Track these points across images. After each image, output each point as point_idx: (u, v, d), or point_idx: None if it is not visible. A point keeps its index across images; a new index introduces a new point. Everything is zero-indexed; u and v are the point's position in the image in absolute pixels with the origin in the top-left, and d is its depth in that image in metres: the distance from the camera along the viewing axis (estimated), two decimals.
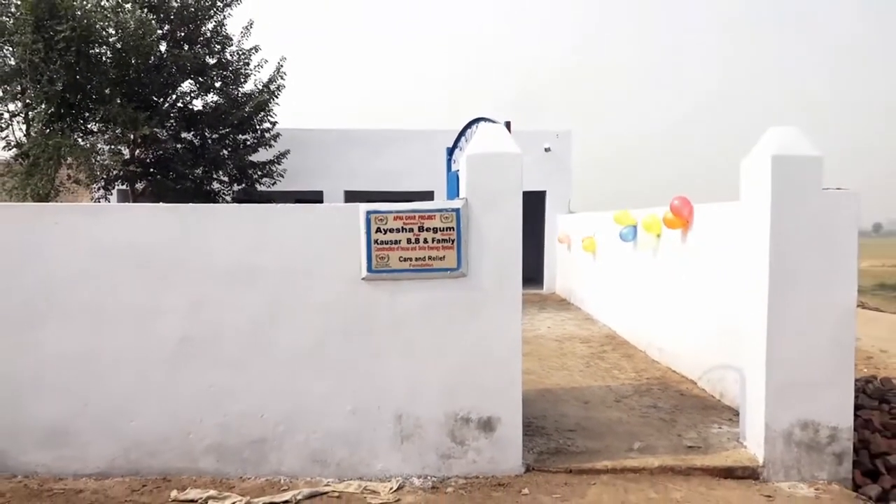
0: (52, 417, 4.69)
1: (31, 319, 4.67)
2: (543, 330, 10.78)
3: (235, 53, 14.27)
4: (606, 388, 7.02)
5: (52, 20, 10.69)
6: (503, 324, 4.69)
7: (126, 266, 4.68)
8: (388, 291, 4.69)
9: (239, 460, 4.70)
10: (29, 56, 10.65)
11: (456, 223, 4.62)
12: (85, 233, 4.68)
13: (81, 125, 12.17)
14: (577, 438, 5.37)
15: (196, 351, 4.71)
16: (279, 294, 4.72)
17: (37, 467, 4.70)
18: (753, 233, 4.90)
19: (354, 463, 4.70)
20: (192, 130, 13.78)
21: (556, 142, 16.53)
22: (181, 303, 4.70)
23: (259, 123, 14.57)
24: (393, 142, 16.35)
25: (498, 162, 4.65)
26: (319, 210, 4.97)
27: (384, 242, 4.62)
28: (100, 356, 4.69)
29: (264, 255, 4.70)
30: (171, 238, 4.71)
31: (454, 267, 4.63)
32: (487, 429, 4.70)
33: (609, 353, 8.91)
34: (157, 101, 13.13)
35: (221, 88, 13.94)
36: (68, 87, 11.13)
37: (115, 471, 4.68)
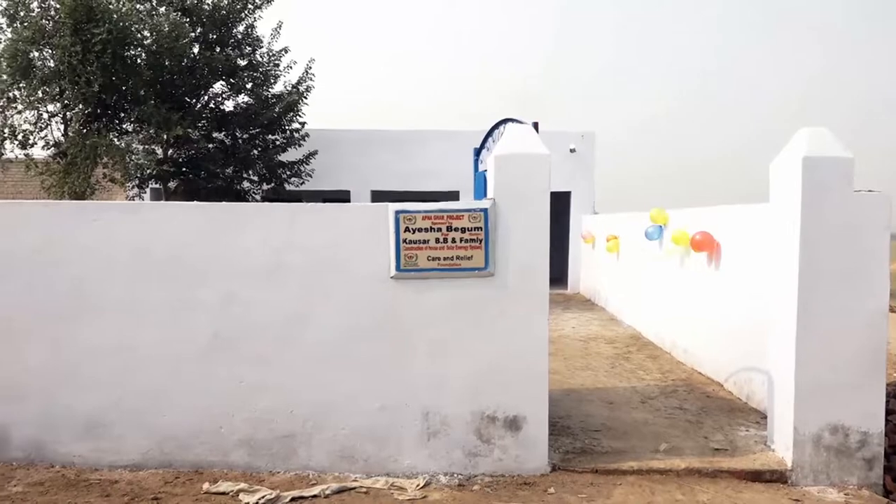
0: (88, 409, 4.83)
1: (70, 313, 4.81)
2: (568, 330, 10.77)
3: (265, 55, 14.48)
4: (632, 389, 7.01)
5: (90, 23, 10.95)
6: (530, 323, 4.72)
7: (160, 263, 4.79)
8: (415, 290, 4.75)
9: (269, 454, 4.80)
10: (67, 58, 10.92)
11: (484, 223, 4.66)
12: (121, 230, 4.82)
13: (117, 125, 12.44)
14: (602, 439, 5.38)
15: (227, 347, 4.81)
16: (308, 291, 4.80)
17: (74, 458, 4.83)
18: (783, 234, 4.87)
19: (382, 459, 4.77)
20: (223, 131, 14.02)
21: (580, 142, 16.49)
22: (213, 299, 4.81)
23: (288, 124, 14.76)
24: (419, 142, 16.43)
25: (526, 162, 4.68)
26: (349, 209, 5.06)
27: (413, 242, 4.68)
28: (134, 350, 4.82)
29: (294, 253, 4.79)
30: (203, 236, 4.82)
31: (482, 266, 4.68)
32: (513, 427, 4.74)
33: (634, 354, 8.88)
34: (190, 102, 13.37)
35: (252, 89, 14.16)
36: (105, 88, 11.38)
37: (149, 463, 4.80)
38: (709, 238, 7.25)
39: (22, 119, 11.98)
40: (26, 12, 11.59)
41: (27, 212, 4.94)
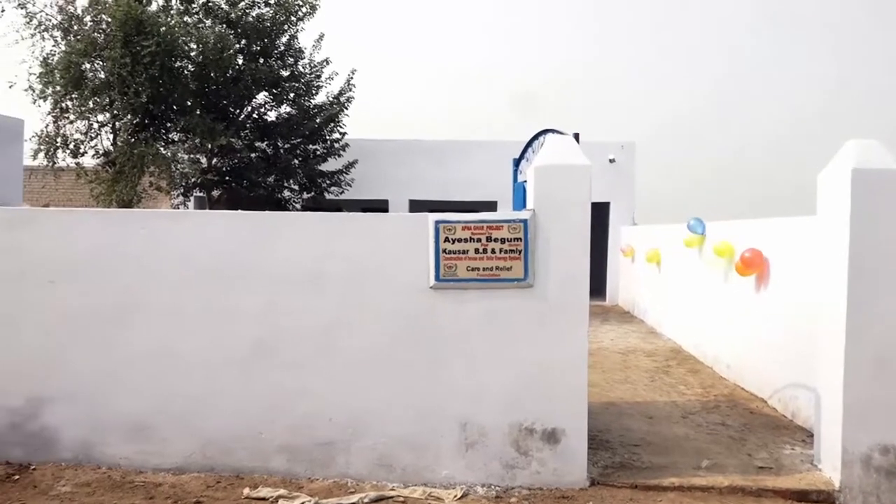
0: (134, 413, 4.94)
1: (118, 318, 4.94)
2: (606, 342, 10.66)
3: (307, 66, 14.71)
4: (672, 404, 6.90)
5: (140, 36, 11.27)
6: (569, 335, 4.69)
7: (204, 270, 4.89)
8: (454, 300, 4.76)
9: (308, 461, 4.84)
10: (117, 70, 11.25)
11: (523, 234, 4.65)
12: (168, 238, 4.94)
13: (163, 135, 12.77)
14: (642, 454, 5.30)
15: (268, 353, 4.88)
16: (348, 300, 4.85)
17: (120, 460, 4.94)
18: (831, 248, 4.76)
19: (419, 469, 4.78)
20: (265, 140, 14.26)
21: (620, 153, 16.36)
22: (255, 307, 4.88)
23: (329, 134, 14.96)
24: (458, 152, 16.50)
25: (566, 173, 4.67)
26: (389, 219, 5.11)
27: (452, 252, 4.69)
28: (179, 356, 4.92)
29: (335, 261, 4.84)
30: (246, 244, 4.91)
31: (521, 277, 4.67)
32: (552, 440, 4.70)
33: (674, 368, 8.74)
34: (234, 113, 13.65)
35: (294, 100, 14.40)
36: (152, 99, 11.70)
37: (191, 466, 4.89)
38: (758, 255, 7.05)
39: (74, 129, 12.38)
40: (80, 26, 12.00)
41: (80, 219, 5.11)
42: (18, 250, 4.97)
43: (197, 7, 13.05)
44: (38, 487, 4.59)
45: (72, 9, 12.27)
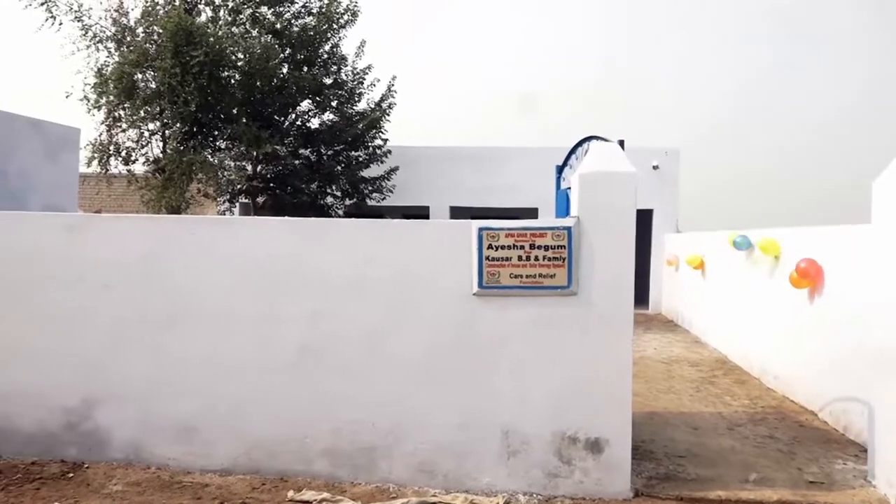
0: (182, 414, 5.05)
1: (168, 322, 5.06)
2: (650, 351, 10.51)
3: (349, 73, 14.90)
4: (718, 415, 6.76)
5: (189, 47, 11.57)
6: (613, 344, 4.65)
7: (251, 275, 4.99)
8: (497, 307, 4.76)
9: (351, 465, 4.89)
10: (168, 80, 11.56)
11: (567, 241, 4.63)
12: (217, 244, 5.04)
13: (211, 143, 13.07)
14: (687, 465, 5.21)
15: (313, 358, 4.95)
16: (392, 306, 4.88)
17: (168, 460, 5.06)
18: (888, 257, 4.61)
19: (461, 476, 4.78)
20: (309, 147, 14.48)
21: (664, 159, 16.15)
22: (300, 312, 4.95)
23: (371, 140, 15.10)
24: (498, 158, 16.49)
25: (611, 181, 4.63)
26: (432, 225, 5.13)
27: (495, 259, 4.69)
28: (226, 359, 5.01)
29: (379, 268, 4.89)
30: (292, 250, 4.98)
31: (565, 285, 4.64)
32: (595, 450, 4.65)
33: (720, 379, 8.57)
34: (279, 120, 13.90)
35: (337, 107, 14.59)
36: (200, 107, 11.98)
37: (237, 468, 4.98)
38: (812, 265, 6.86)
39: (126, 137, 12.77)
40: (132, 37, 12.37)
41: (134, 226, 5.26)
42: (75, 256, 5.13)
43: (244, 18, 13.35)
44: (91, 486, 4.72)
45: (125, 21, 12.67)
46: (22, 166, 6.17)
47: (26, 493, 4.59)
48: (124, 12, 12.77)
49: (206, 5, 13.25)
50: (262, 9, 13.52)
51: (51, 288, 5.14)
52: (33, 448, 5.15)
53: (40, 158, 6.39)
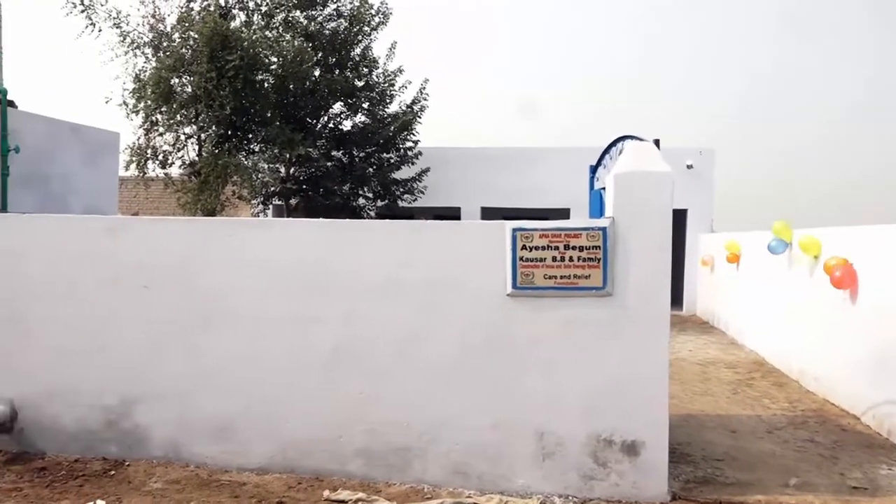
0: (220, 414, 5.12)
1: (204, 323, 5.14)
2: (685, 353, 10.36)
3: (381, 75, 14.97)
4: (756, 418, 6.64)
5: (224, 51, 11.73)
6: (649, 345, 4.59)
7: (287, 276, 5.04)
8: (531, 308, 4.73)
9: (385, 466, 4.90)
10: (204, 84, 11.74)
11: (602, 242, 4.59)
12: (253, 245, 5.11)
13: (245, 146, 13.23)
14: (725, 469, 5.13)
15: (347, 359, 4.98)
16: (425, 307, 4.89)
17: (206, 459, 5.13)
18: None
19: (495, 477, 4.76)
20: (341, 149, 14.59)
21: (698, 159, 15.92)
22: (335, 313, 4.99)
23: (402, 142, 15.16)
24: (529, 159, 16.42)
25: (647, 181, 4.58)
26: (466, 226, 5.13)
27: (529, 260, 4.67)
28: (262, 360, 5.07)
29: (412, 269, 4.90)
30: (327, 251, 5.02)
31: (599, 286, 4.60)
32: (631, 452, 4.60)
33: (758, 381, 8.42)
34: (311, 123, 14.03)
35: (368, 109, 14.67)
36: (235, 111, 12.14)
37: (273, 467, 5.03)
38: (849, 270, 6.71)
39: (163, 141, 12.97)
40: (169, 43, 12.58)
41: (172, 227, 5.36)
42: (115, 257, 5.24)
43: (277, 22, 13.49)
44: (132, 483, 4.81)
45: (162, 27, 12.88)
46: (64, 170, 6.33)
47: (70, 489, 4.70)
48: (161, 18, 12.99)
49: (240, 10, 13.42)
50: (295, 13, 13.66)
51: (91, 289, 5.26)
52: (76, 445, 5.26)
53: (81, 162, 6.55)
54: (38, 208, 5.90)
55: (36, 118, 6.05)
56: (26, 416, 5.31)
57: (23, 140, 5.76)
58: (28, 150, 5.79)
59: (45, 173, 6.10)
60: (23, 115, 5.89)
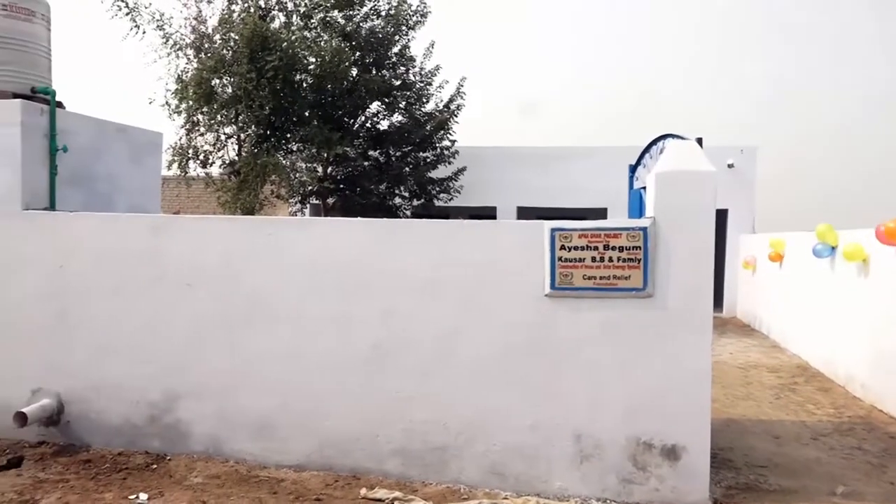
0: (259, 410, 5.17)
1: (245, 320, 5.20)
2: (725, 356, 10.17)
3: (418, 74, 15.00)
4: (800, 424, 6.49)
5: (263, 52, 11.89)
6: (691, 348, 4.51)
7: (326, 275, 5.07)
8: (570, 309, 4.68)
9: (422, 465, 4.91)
10: (243, 84, 11.92)
11: (643, 242, 4.52)
12: (294, 244, 5.15)
13: (284, 145, 13.39)
14: (769, 475, 5.02)
15: (385, 358, 4.99)
16: (463, 307, 4.87)
17: (245, 455, 5.20)
18: None
19: (532, 479, 4.73)
20: (378, 149, 14.66)
21: (739, 157, 15.61)
22: (373, 312, 5.00)
23: (439, 141, 15.17)
24: (566, 158, 16.28)
25: (689, 180, 4.49)
26: (504, 226, 5.11)
27: (568, 260, 4.62)
28: (301, 357, 5.11)
29: (451, 268, 4.89)
30: (366, 250, 5.04)
31: (640, 287, 4.53)
32: (671, 457, 4.52)
33: (801, 386, 8.22)
34: (349, 122, 14.13)
35: (405, 109, 14.71)
36: (274, 111, 12.31)
37: (311, 464, 5.07)
38: None
39: (203, 141, 13.23)
40: (210, 44, 12.80)
41: (214, 226, 5.44)
42: (159, 255, 5.34)
43: (315, 22, 13.62)
44: (174, 477, 4.90)
45: (203, 28, 13.12)
46: (110, 169, 6.46)
47: (114, 482, 4.80)
48: (202, 20, 13.24)
49: (279, 11, 13.58)
50: (333, 13, 13.77)
51: (136, 286, 5.37)
52: (120, 439, 5.38)
53: (126, 162, 6.67)
54: (85, 207, 6.02)
55: (83, 119, 6.18)
56: (73, 409, 5.45)
57: (71, 140, 5.89)
58: (76, 149, 5.92)
59: (91, 172, 6.23)
60: (71, 116, 6.03)
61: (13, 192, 5.53)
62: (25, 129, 5.54)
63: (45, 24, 6.10)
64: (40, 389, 5.46)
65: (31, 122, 5.60)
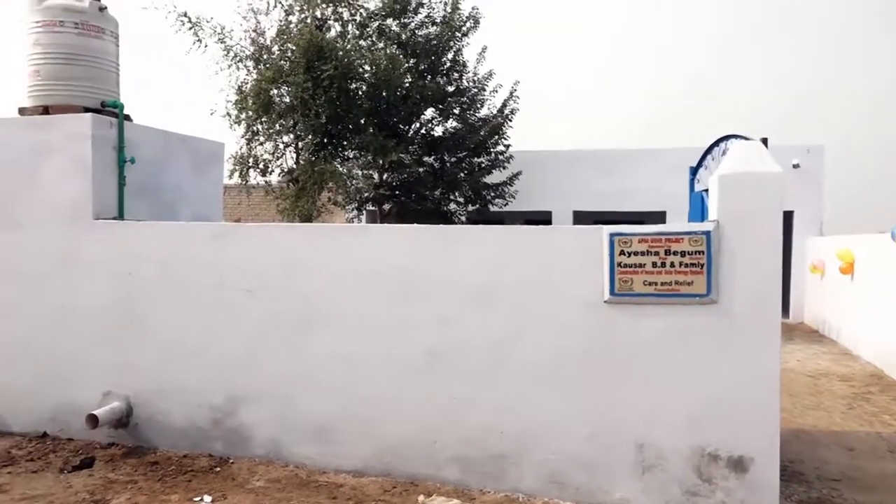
0: (318, 415, 5.24)
1: (305, 325, 5.27)
2: (793, 363, 9.80)
3: (472, 80, 14.99)
4: (876, 435, 6.19)
5: (320, 61, 12.08)
6: (758, 355, 4.35)
7: (382, 281, 5.09)
8: (630, 316, 4.58)
9: (479, 473, 4.87)
10: (300, 94, 12.13)
11: (706, 247, 4.38)
12: (351, 250, 5.20)
13: (340, 153, 13.57)
14: (843, 490, 4.80)
15: (441, 364, 4.98)
16: (519, 313, 4.83)
17: (305, 459, 5.26)
18: None
19: (592, 489, 4.64)
20: (432, 155, 14.70)
21: (806, 157, 15.05)
22: (429, 318, 5.01)
23: (493, 146, 15.11)
24: (622, 161, 16.00)
25: (754, 182, 4.34)
26: (560, 231, 5.04)
27: (628, 265, 4.53)
28: (359, 363, 5.15)
29: (506, 274, 4.85)
30: (421, 257, 5.05)
31: (703, 293, 4.40)
32: (739, 468, 4.37)
33: (876, 396, 7.85)
34: (404, 129, 14.22)
35: (459, 114, 14.71)
36: (330, 119, 12.48)
37: (369, 470, 5.09)
38: None
39: (263, 150, 13.52)
40: (268, 55, 13.09)
41: (274, 233, 5.56)
42: (220, 262, 5.47)
43: (371, 31, 13.77)
44: (236, 480, 5.00)
45: (262, 40, 13.42)
46: (175, 179, 6.67)
47: (179, 484, 4.92)
48: (261, 32, 13.53)
49: (335, 21, 13.78)
50: (388, 21, 13.90)
51: (200, 292, 5.51)
52: (185, 442, 5.52)
53: (190, 172, 6.88)
54: (152, 216, 6.23)
55: (150, 131, 6.40)
56: (141, 412, 5.62)
57: (138, 151, 6.10)
58: (142, 160, 6.13)
59: (157, 182, 6.44)
60: (138, 128, 6.25)
61: (85, 203, 5.75)
62: (96, 141, 5.76)
63: (113, 41, 6.35)
64: (110, 392, 5.66)
65: (101, 135, 5.82)
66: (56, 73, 6.00)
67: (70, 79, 6.00)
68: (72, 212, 5.78)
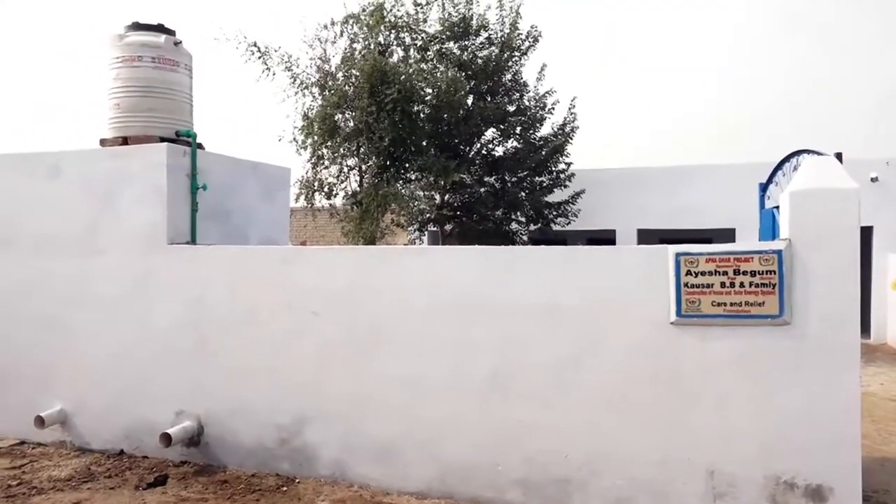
0: (381, 436, 5.27)
1: (369, 347, 5.33)
2: (875, 387, 9.30)
3: (531, 99, 14.99)
4: None
5: (383, 85, 12.34)
6: (836, 378, 4.16)
7: (444, 302, 5.12)
8: (698, 338, 4.46)
9: (543, 497, 4.80)
10: (364, 118, 12.41)
11: (778, 266, 4.24)
12: (414, 272, 5.25)
13: (403, 175, 13.77)
14: None
15: (503, 385, 4.95)
16: (583, 335, 4.76)
17: (368, 480, 5.29)
18: None
19: None
20: (493, 175, 14.72)
21: (885, 170, 14.37)
22: (491, 339, 4.99)
23: (554, 165, 15.03)
24: (688, 178, 15.60)
25: (829, 198, 4.19)
26: (624, 251, 4.97)
27: (695, 286, 4.42)
28: (421, 384, 5.17)
29: (569, 295, 4.80)
30: (483, 277, 5.05)
31: (775, 314, 4.24)
32: (817, 498, 4.17)
33: None
34: (465, 150, 14.32)
35: (520, 134, 14.72)
36: (393, 142, 12.70)
37: (432, 492, 5.09)
38: None
39: (328, 173, 13.86)
40: (333, 81, 13.45)
41: (339, 256, 5.67)
42: (287, 284, 5.60)
43: (432, 54, 13.99)
44: (302, 500, 5.07)
45: (327, 67, 13.82)
46: (244, 204, 6.89)
47: (248, 503, 5.03)
48: (326, 59, 13.94)
49: (397, 46, 14.07)
50: (449, 44, 14.08)
51: (268, 313, 5.65)
52: (253, 461, 5.64)
53: (259, 197, 7.10)
54: (222, 240, 6.45)
55: (220, 158, 6.66)
56: (211, 431, 5.78)
57: (209, 178, 6.34)
58: (213, 187, 6.37)
59: (227, 207, 6.67)
60: (209, 156, 6.51)
61: (160, 228, 6.00)
62: (170, 169, 6.01)
63: (187, 73, 6.64)
64: (183, 412, 5.84)
65: (176, 164, 6.08)
66: (134, 106, 6.30)
67: (147, 110, 6.30)
68: (148, 237, 6.03)
